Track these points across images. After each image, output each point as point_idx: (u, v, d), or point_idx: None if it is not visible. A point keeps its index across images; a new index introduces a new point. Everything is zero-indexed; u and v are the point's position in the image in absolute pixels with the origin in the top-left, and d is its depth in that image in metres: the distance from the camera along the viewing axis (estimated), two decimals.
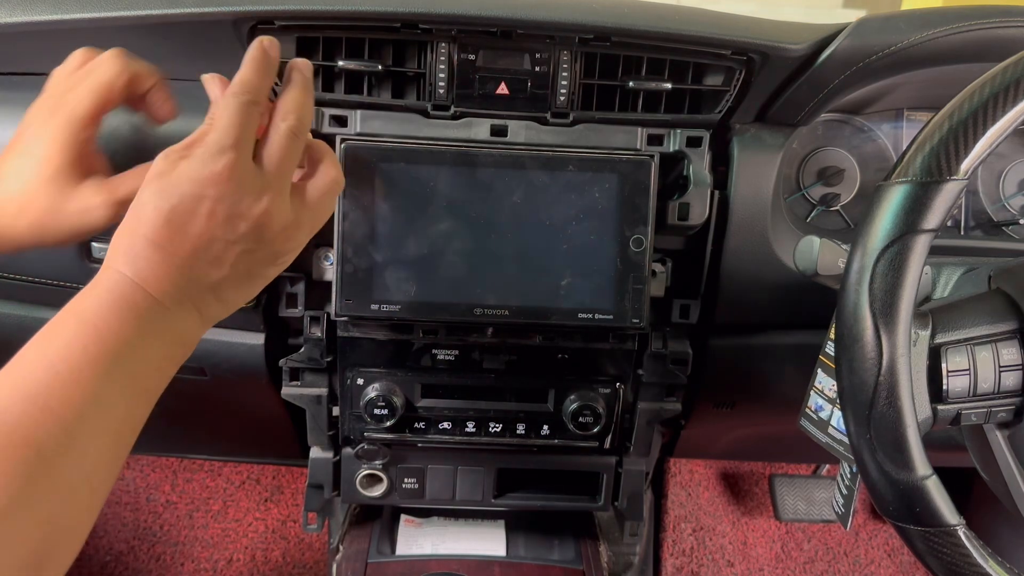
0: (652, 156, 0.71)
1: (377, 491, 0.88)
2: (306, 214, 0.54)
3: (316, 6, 0.66)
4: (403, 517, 1.07)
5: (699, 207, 0.74)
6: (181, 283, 0.48)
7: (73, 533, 0.43)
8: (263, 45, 0.54)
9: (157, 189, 0.48)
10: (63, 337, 0.44)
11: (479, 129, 0.74)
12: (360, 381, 0.80)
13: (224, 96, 0.52)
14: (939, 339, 0.54)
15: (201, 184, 0.48)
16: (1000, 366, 0.54)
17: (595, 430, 0.81)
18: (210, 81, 0.56)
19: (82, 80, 0.56)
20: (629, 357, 0.81)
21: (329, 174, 0.56)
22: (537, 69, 0.72)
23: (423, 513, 1.07)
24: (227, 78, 0.55)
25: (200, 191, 0.48)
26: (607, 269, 0.71)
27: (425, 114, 0.73)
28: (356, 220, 0.69)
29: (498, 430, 0.83)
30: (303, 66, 0.57)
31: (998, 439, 0.57)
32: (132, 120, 0.68)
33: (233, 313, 0.54)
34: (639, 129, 0.75)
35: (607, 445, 0.84)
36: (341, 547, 1.04)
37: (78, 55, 0.59)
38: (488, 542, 1.03)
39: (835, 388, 0.66)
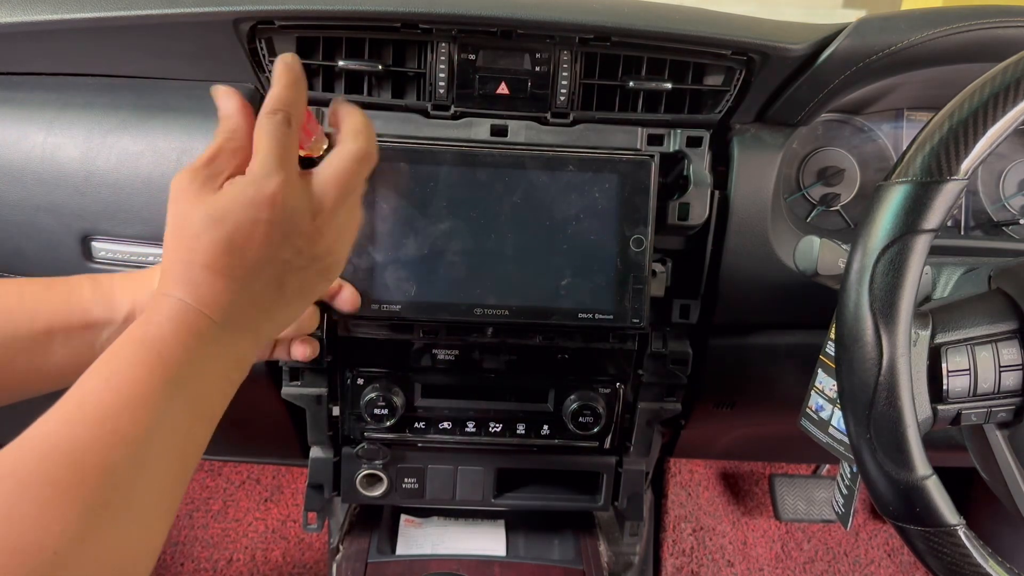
0: (652, 156, 0.71)
1: (377, 491, 0.88)
2: (343, 213, 0.54)
3: (316, 6, 0.66)
4: (403, 517, 1.07)
5: (699, 207, 0.74)
6: (240, 305, 0.49)
7: (147, 557, 0.43)
8: (287, 61, 0.54)
9: (207, 216, 0.48)
10: (126, 361, 0.44)
11: (479, 129, 0.74)
12: (360, 381, 0.80)
13: (261, 116, 0.51)
14: (939, 339, 0.54)
15: (255, 208, 0.48)
16: (1000, 366, 0.54)
17: (595, 430, 0.81)
18: (222, 95, 0.54)
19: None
20: (629, 357, 0.81)
21: (349, 153, 0.53)
22: (537, 69, 0.72)
23: (423, 513, 1.07)
24: (229, 82, 0.55)
25: (255, 215, 0.48)
26: (607, 269, 0.71)
27: (425, 114, 0.73)
28: None
29: (498, 430, 0.83)
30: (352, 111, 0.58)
31: (998, 439, 0.57)
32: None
33: None
34: (639, 129, 0.75)
35: (607, 445, 0.85)
36: (341, 547, 1.04)
37: None
38: (488, 542, 1.03)
39: (835, 388, 0.66)
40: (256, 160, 0.49)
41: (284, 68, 0.53)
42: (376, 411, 0.79)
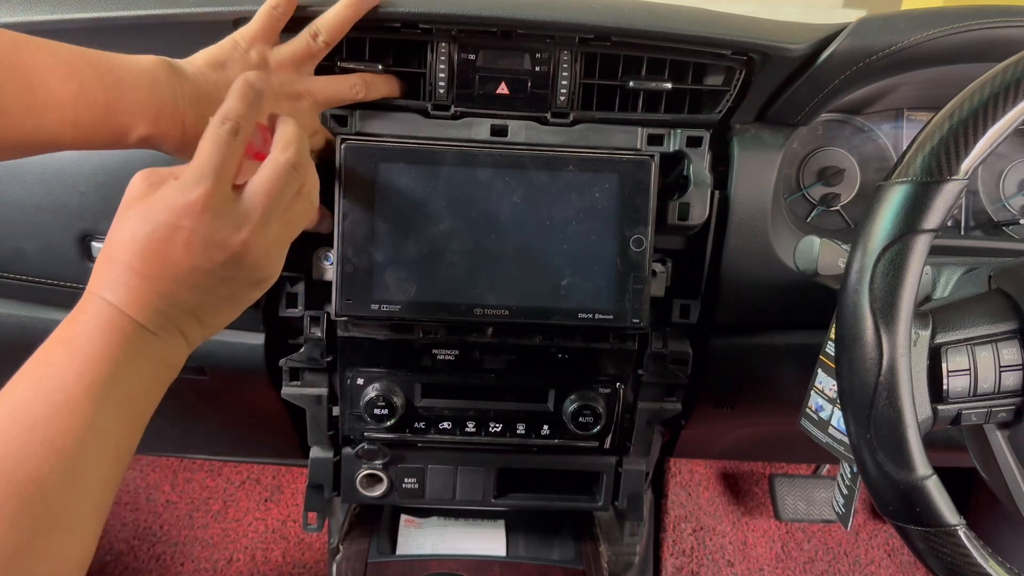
0: (652, 156, 0.71)
1: (377, 491, 0.88)
2: (274, 226, 0.53)
3: (316, 6, 0.66)
4: (403, 517, 1.07)
5: (699, 207, 0.74)
6: (163, 308, 0.49)
7: (79, 565, 0.43)
8: (249, 79, 0.53)
9: (135, 215, 0.48)
10: (55, 366, 0.45)
11: (479, 129, 0.74)
12: (360, 381, 0.80)
13: (209, 125, 0.51)
14: (939, 339, 0.54)
15: (176, 214, 0.48)
16: (1000, 366, 0.54)
17: (595, 430, 0.81)
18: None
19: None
20: (629, 357, 0.81)
21: (277, 165, 0.52)
22: (537, 69, 0.72)
23: (423, 513, 1.07)
24: None
25: (175, 220, 0.48)
26: (607, 269, 0.71)
27: (425, 114, 0.73)
28: (356, 220, 0.69)
29: (498, 430, 0.83)
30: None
31: (998, 439, 0.57)
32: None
33: None
34: (639, 129, 0.75)
35: (607, 445, 0.84)
36: (341, 547, 1.04)
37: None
38: (488, 542, 1.03)
39: (835, 388, 0.66)
40: (191, 166, 0.49)
41: (244, 84, 0.53)
42: (376, 411, 0.79)
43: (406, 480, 0.87)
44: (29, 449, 0.41)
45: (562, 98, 0.73)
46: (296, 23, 0.65)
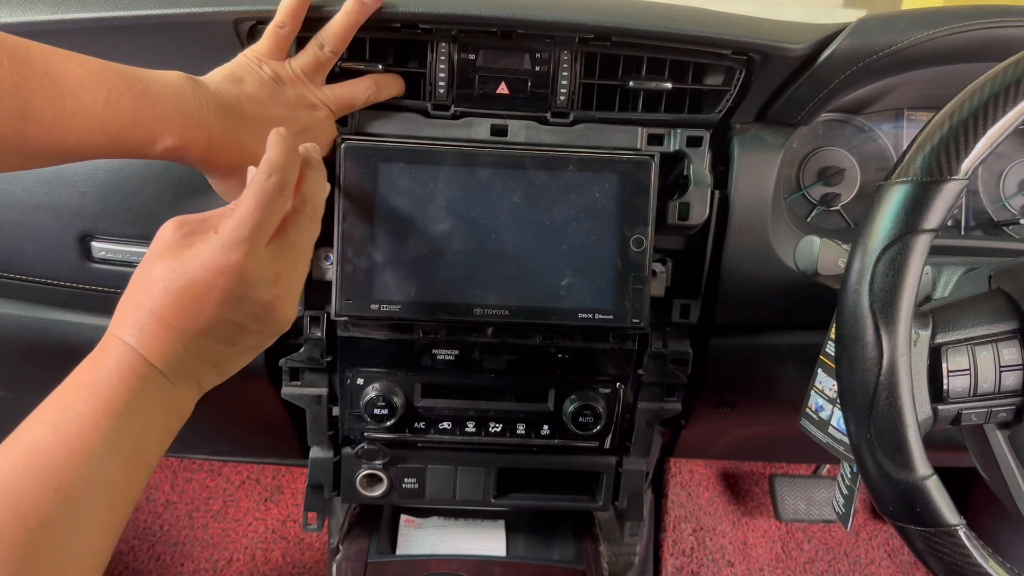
0: (652, 156, 0.71)
1: (377, 491, 0.88)
2: (297, 276, 0.55)
3: (316, 6, 0.66)
4: (403, 517, 1.06)
5: (699, 207, 0.74)
6: (185, 359, 0.49)
7: None
8: (280, 132, 0.53)
9: (168, 268, 0.48)
10: (75, 410, 0.45)
11: (479, 129, 0.74)
12: (360, 381, 0.80)
13: (252, 179, 0.51)
14: (939, 339, 0.54)
15: (213, 273, 0.48)
16: (1000, 366, 0.54)
17: (595, 430, 0.81)
18: (250, 173, 0.55)
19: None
20: (629, 357, 0.81)
21: (304, 228, 0.55)
22: (537, 69, 0.72)
23: (423, 513, 1.07)
24: None
25: (211, 280, 0.48)
26: (607, 269, 0.71)
27: (425, 114, 0.73)
28: (356, 220, 0.69)
29: (498, 430, 0.82)
30: (313, 149, 0.58)
31: (998, 439, 0.57)
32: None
33: None
34: (639, 129, 0.75)
35: (607, 445, 0.84)
36: (341, 547, 1.04)
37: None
38: (488, 542, 1.03)
39: (835, 388, 0.66)
40: (231, 221, 0.49)
41: (279, 137, 0.53)
42: (376, 411, 0.79)
43: (406, 480, 0.87)
44: (42, 495, 0.41)
45: (562, 98, 0.73)
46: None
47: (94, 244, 0.74)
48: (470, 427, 0.82)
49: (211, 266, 0.48)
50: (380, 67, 0.70)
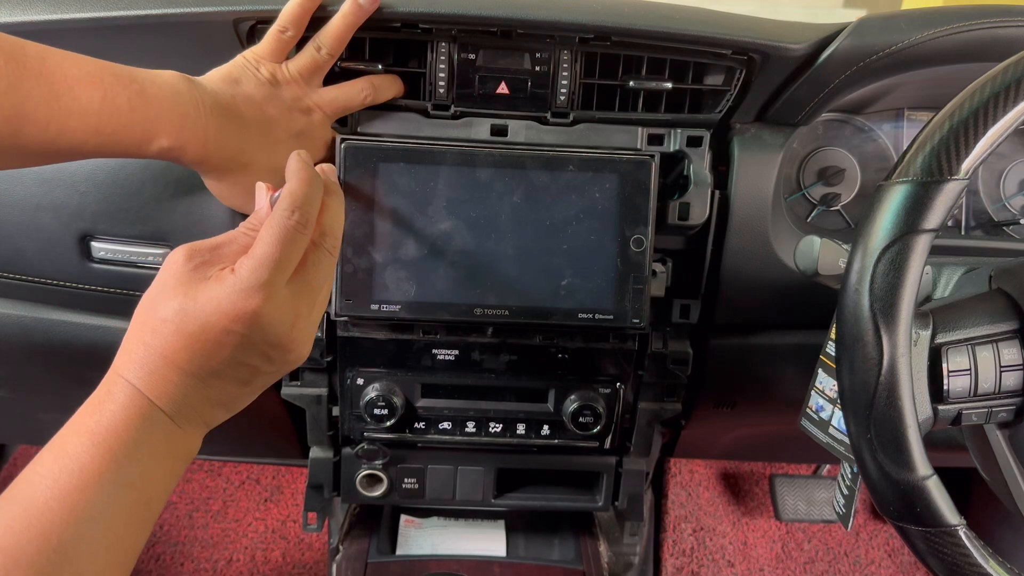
0: (652, 156, 0.71)
1: (377, 491, 0.88)
2: (315, 313, 0.52)
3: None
4: (403, 517, 1.07)
5: (699, 207, 0.74)
6: (195, 401, 0.47)
7: None
8: (302, 156, 0.51)
9: (179, 308, 0.45)
10: (78, 462, 0.43)
11: (479, 129, 0.74)
12: (360, 381, 0.80)
13: (272, 213, 0.48)
14: (940, 339, 0.54)
15: (229, 319, 0.45)
16: (1001, 366, 0.54)
17: (595, 430, 0.81)
18: (260, 190, 0.53)
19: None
20: (629, 357, 0.81)
21: (325, 264, 0.51)
22: (537, 69, 0.72)
23: (423, 513, 1.07)
24: None
25: (227, 325, 0.45)
26: (607, 269, 0.71)
27: (425, 114, 0.73)
28: (356, 220, 0.69)
29: (498, 430, 0.82)
30: (331, 171, 0.57)
31: (999, 439, 0.57)
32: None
33: None
34: (639, 129, 0.75)
35: (607, 445, 0.84)
36: (341, 547, 1.04)
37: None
38: (488, 542, 1.03)
39: (835, 388, 0.66)
40: (250, 261, 0.46)
41: (300, 163, 0.51)
42: (376, 411, 0.79)
43: (406, 480, 0.87)
44: (43, 557, 0.40)
45: (562, 98, 0.73)
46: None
47: (94, 244, 0.74)
48: (470, 427, 0.82)
49: (227, 312, 0.45)
50: (380, 67, 0.70)
